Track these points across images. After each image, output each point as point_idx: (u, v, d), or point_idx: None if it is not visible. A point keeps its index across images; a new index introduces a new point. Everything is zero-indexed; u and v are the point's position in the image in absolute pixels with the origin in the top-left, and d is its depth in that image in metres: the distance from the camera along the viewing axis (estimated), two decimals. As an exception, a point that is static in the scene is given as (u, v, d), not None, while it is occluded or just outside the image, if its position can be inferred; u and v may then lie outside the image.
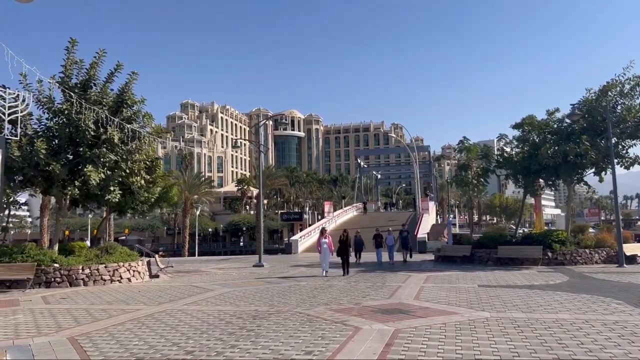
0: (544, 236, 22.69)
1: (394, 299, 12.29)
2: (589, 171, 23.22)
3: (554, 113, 24.47)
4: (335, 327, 8.90)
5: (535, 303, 11.21)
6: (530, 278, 16.79)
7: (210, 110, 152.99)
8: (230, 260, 31.64)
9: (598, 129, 22.38)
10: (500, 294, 12.93)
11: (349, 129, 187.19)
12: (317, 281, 16.65)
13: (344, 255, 18.52)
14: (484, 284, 15.36)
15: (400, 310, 10.55)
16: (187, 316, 10.40)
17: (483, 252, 23.70)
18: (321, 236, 19.28)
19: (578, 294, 12.61)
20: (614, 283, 14.96)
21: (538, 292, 13.18)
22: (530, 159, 23.36)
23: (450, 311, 10.38)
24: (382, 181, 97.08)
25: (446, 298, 12.34)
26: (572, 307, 10.59)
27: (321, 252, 18.83)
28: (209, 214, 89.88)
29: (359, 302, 11.79)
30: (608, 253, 21.90)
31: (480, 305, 11.09)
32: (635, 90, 22.23)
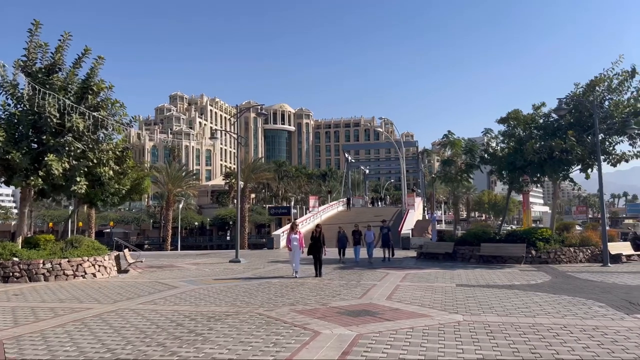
0: (528, 234, 22.13)
1: (364, 299, 11.59)
2: (575, 168, 22.65)
3: (540, 108, 23.87)
4: (293, 331, 8.18)
5: (513, 305, 10.57)
6: (511, 277, 16.18)
7: (199, 103, 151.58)
8: (210, 255, 30.84)
9: (585, 125, 21.83)
10: (478, 294, 12.28)
11: (340, 124, 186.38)
12: (289, 279, 15.91)
13: (315, 254, 16.61)
14: (463, 283, 14.73)
15: (368, 312, 9.86)
16: (137, 317, 9.62)
17: (466, 249, 23.10)
18: (291, 232, 16.91)
19: (559, 295, 12.01)
20: (597, 283, 14.38)
21: (517, 292, 12.56)
22: (515, 154, 22.76)
23: (421, 313, 9.70)
24: (372, 176, 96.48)
25: (420, 298, 11.67)
26: (551, 310, 9.95)
27: (290, 250, 16.62)
28: (195, 207, 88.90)
29: (327, 303, 11.07)
30: (593, 252, 21.39)
31: (455, 307, 10.42)
32: (623, 86, 21.70)
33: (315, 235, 16.96)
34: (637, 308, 10.11)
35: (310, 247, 16.93)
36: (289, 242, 16.75)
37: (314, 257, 16.72)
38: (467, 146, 24.75)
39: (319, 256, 16.63)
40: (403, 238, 34.76)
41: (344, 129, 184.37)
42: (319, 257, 16.62)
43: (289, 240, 16.89)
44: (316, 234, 16.98)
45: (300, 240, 16.73)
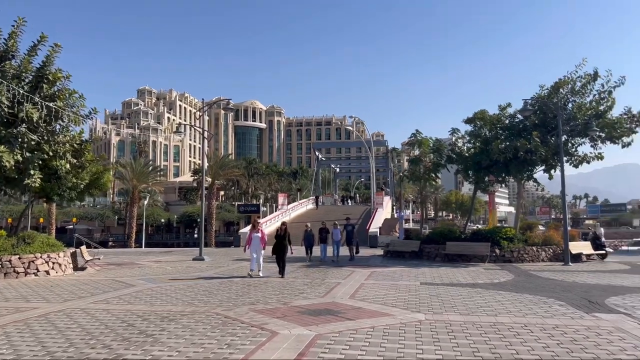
0: (492, 233, 22.36)
1: (327, 298, 11.35)
2: (539, 168, 23.00)
3: (505, 108, 24.15)
4: (250, 331, 7.86)
5: (475, 304, 10.50)
6: (475, 276, 16.24)
7: (168, 98, 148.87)
8: (174, 252, 30.14)
9: (549, 126, 22.17)
10: (442, 292, 12.20)
11: (311, 122, 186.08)
12: (252, 278, 15.50)
13: (279, 253, 15.66)
14: (427, 281, 14.66)
15: (330, 311, 9.61)
16: (86, 317, 9.12)
17: (432, 247, 23.20)
18: (253, 230, 16.07)
19: (521, 293, 12.03)
20: (558, 282, 14.54)
21: (480, 291, 12.54)
22: (481, 154, 22.94)
23: (384, 312, 9.51)
24: (342, 175, 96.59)
25: (384, 297, 11.50)
26: (513, 308, 9.92)
27: (251, 249, 15.73)
28: (162, 204, 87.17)
29: (289, 302, 10.78)
30: (555, 251, 21.76)
31: (417, 305, 10.29)
32: (586, 89, 22.13)
33: (280, 234, 15.99)
34: (596, 307, 10.18)
35: (275, 246, 15.88)
36: (250, 241, 15.80)
37: (277, 257, 15.76)
38: (434, 145, 24.83)
39: (283, 256, 15.71)
40: (371, 236, 34.79)
41: (316, 127, 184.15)
42: (282, 257, 15.70)
43: (249, 238, 15.87)
44: (281, 232, 16.02)
45: (262, 239, 15.87)
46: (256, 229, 16.14)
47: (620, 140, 21.55)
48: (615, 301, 10.86)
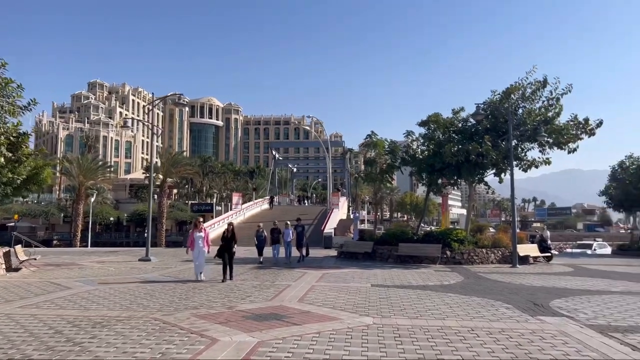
0: (444, 235, 22.58)
1: (275, 302, 10.99)
2: (490, 172, 23.43)
3: (459, 112, 24.48)
4: (188, 339, 7.41)
5: (424, 307, 10.41)
6: (426, 278, 16.27)
7: (120, 92, 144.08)
8: (120, 252, 28.95)
9: (500, 131, 22.60)
10: (391, 295, 12.08)
11: (270, 121, 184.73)
12: (200, 278, 14.93)
13: (225, 256, 14.72)
14: (378, 283, 14.55)
15: (276, 316, 9.27)
16: (10, 324, 8.41)
17: (384, 249, 23.23)
18: (195, 230, 14.93)
19: (469, 296, 12.06)
20: (506, 284, 14.73)
21: (430, 293, 12.50)
22: (434, 156, 23.16)
23: (331, 316, 9.25)
24: (300, 175, 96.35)
25: (333, 300, 11.25)
26: (461, 312, 9.87)
27: (193, 250, 14.75)
28: (112, 201, 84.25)
29: (234, 306, 10.36)
30: (503, 253, 22.18)
31: (366, 309, 10.09)
32: (535, 95, 22.68)
33: (227, 235, 15.11)
34: (541, 310, 10.28)
35: (220, 248, 15.01)
36: (192, 242, 14.80)
37: (223, 260, 14.82)
38: (389, 147, 24.89)
39: (230, 259, 14.83)
40: (325, 237, 34.61)
41: (274, 127, 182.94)
42: (229, 260, 14.79)
43: (192, 239, 14.85)
44: (227, 234, 15.14)
45: (205, 240, 14.89)
46: (198, 229, 14.99)
47: (567, 146, 22.22)
48: (559, 304, 11.03)
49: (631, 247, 31.42)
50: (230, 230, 15.31)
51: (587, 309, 10.31)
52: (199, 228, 15.00)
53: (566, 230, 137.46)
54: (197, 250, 14.73)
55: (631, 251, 30.58)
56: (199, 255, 14.75)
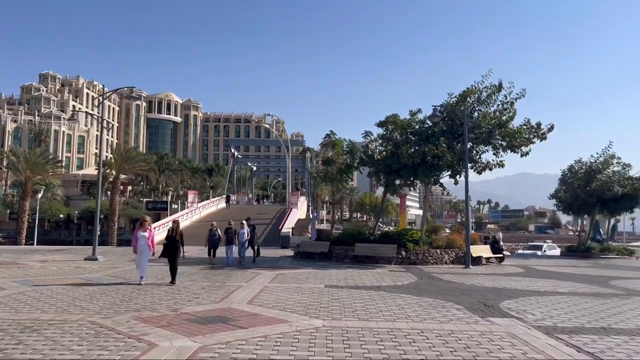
0: (400, 235, 22.68)
1: (224, 304, 10.60)
2: (445, 173, 23.65)
3: (416, 114, 24.58)
4: (124, 344, 6.96)
5: (376, 308, 10.26)
6: (380, 278, 16.21)
7: (74, 85, 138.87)
8: (66, 251, 27.67)
9: (456, 133, 22.85)
10: (344, 296, 11.89)
11: (230, 119, 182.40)
12: (146, 280, 14.28)
13: (170, 256, 13.78)
14: (332, 284, 14.36)
15: (223, 319, 8.89)
16: None
17: (341, 249, 23.14)
18: (139, 229, 13.91)
19: (421, 297, 12.02)
20: (458, 285, 14.82)
21: (383, 294, 12.39)
22: (392, 157, 23.18)
23: (280, 319, 8.96)
24: (260, 173, 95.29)
25: (284, 301, 10.96)
26: (412, 313, 9.77)
27: (137, 251, 13.76)
28: (62, 198, 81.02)
29: (179, 308, 9.91)
30: (457, 254, 22.46)
31: (317, 311, 9.85)
32: (490, 99, 23.04)
33: (171, 235, 14.06)
34: (491, 311, 10.31)
35: (165, 248, 14.01)
36: (136, 242, 13.74)
37: (168, 261, 13.88)
38: (347, 147, 24.78)
39: (174, 260, 13.80)
40: (283, 237, 34.27)
41: (234, 124, 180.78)
42: (173, 261, 13.79)
43: (135, 239, 13.79)
44: (172, 233, 14.08)
45: (150, 240, 13.81)
46: (143, 227, 13.91)
47: (520, 149, 22.68)
48: (509, 305, 11.12)
49: (578, 248, 32.54)
50: (175, 228, 14.26)
51: (535, 310, 10.42)
52: (143, 227, 13.94)
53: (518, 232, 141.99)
54: (141, 250, 13.73)
55: (578, 252, 31.66)
56: (141, 257, 13.74)
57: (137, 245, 13.77)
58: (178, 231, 14.21)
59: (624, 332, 8.35)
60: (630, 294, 13.60)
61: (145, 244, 13.73)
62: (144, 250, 13.72)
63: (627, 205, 30.71)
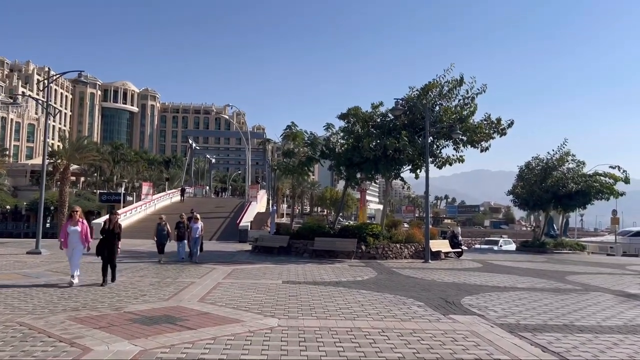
0: (360, 229, 22.37)
1: (172, 302, 9.90)
2: (406, 167, 23.49)
3: (378, 107, 24.28)
4: (53, 348, 6.22)
5: (335, 305, 9.80)
6: (340, 273, 15.81)
7: (24, 71, 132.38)
8: (8, 244, 26.00)
9: (417, 127, 22.69)
10: (302, 292, 11.39)
11: (189, 110, 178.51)
12: (87, 278, 13.31)
13: (105, 253, 12.09)
14: (291, 279, 13.83)
15: (170, 318, 8.22)
16: None
17: (300, 243, 22.63)
18: (69, 222, 12.04)
19: (382, 293, 11.65)
20: (418, 280, 14.58)
21: (342, 290, 11.96)
22: (353, 151, 22.79)
23: (233, 318, 8.36)
24: (220, 166, 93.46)
25: (238, 299, 10.35)
26: (372, 311, 9.36)
27: (66, 247, 11.91)
28: (9, 188, 77.12)
29: (123, 307, 9.15)
30: (417, 248, 22.35)
31: (273, 309, 9.30)
32: (452, 93, 22.98)
33: (108, 227, 12.30)
34: (452, 308, 10.03)
35: (100, 243, 12.22)
36: (65, 237, 11.87)
37: (102, 258, 12.11)
38: (308, 139, 24.23)
39: (111, 257, 12.13)
40: (241, 230, 33.48)
41: (194, 116, 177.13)
42: (110, 258, 12.11)
43: (64, 233, 11.92)
44: (109, 225, 12.32)
45: (83, 234, 11.89)
46: (74, 220, 11.94)
47: (480, 144, 22.75)
48: (470, 301, 10.89)
49: (533, 243, 33.20)
50: (113, 221, 12.44)
51: (497, 307, 10.20)
52: (74, 220, 11.93)
53: (474, 227, 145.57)
54: (72, 246, 11.82)
55: (533, 247, 32.30)
56: (73, 254, 11.86)
57: (66, 241, 11.84)
58: (116, 223, 12.45)
59: (586, 330, 8.19)
60: (588, 289, 13.69)
61: (78, 239, 11.85)
62: (76, 245, 11.86)
63: (580, 202, 31.50)
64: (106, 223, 12.61)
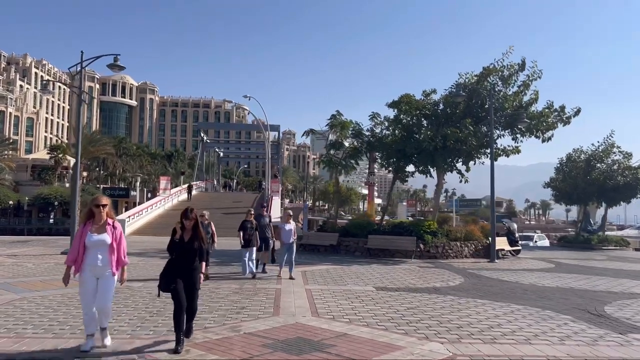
0: (416, 226, 20.81)
1: (284, 316, 8.29)
2: (461, 159, 21.91)
3: (430, 95, 22.69)
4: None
5: (476, 321, 8.25)
6: (420, 275, 14.29)
7: (22, 63, 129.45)
8: (32, 242, 24.20)
9: (476, 115, 21.13)
10: (416, 303, 9.83)
11: (188, 103, 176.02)
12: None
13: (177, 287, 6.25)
14: (379, 285, 12.26)
15: (311, 344, 6.62)
16: None
17: (350, 241, 21.08)
18: (89, 224, 6.02)
19: (506, 302, 10.10)
20: (516, 285, 13.05)
21: (454, 299, 10.41)
22: (406, 141, 21.23)
23: (383, 342, 6.77)
24: (228, 160, 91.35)
25: (354, 312, 8.78)
26: (531, 329, 7.79)
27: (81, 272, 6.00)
28: (11, 183, 74.98)
29: (237, 326, 7.53)
30: (476, 246, 20.87)
31: (410, 326, 7.74)
32: (511, 79, 21.41)
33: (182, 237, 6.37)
34: (610, 322, 8.50)
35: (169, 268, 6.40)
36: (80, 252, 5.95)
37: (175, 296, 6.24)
38: (353, 130, 22.63)
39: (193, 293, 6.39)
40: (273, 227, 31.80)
41: (193, 109, 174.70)
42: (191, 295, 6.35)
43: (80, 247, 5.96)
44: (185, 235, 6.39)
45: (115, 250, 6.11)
46: (98, 222, 6.10)
47: (543, 134, 21.19)
48: (616, 312, 9.36)
49: (576, 239, 31.73)
50: (193, 224, 6.46)
51: (663, 321, 8.67)
52: (99, 221, 6.09)
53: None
54: (89, 275, 5.98)
55: (576, 243, 30.86)
56: (97, 292, 6.02)
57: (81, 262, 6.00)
58: (197, 228, 6.46)
59: None
60: None
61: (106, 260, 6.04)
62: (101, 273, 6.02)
63: (626, 195, 30.09)
64: (178, 230, 6.40)
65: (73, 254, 6.02)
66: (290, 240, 13.06)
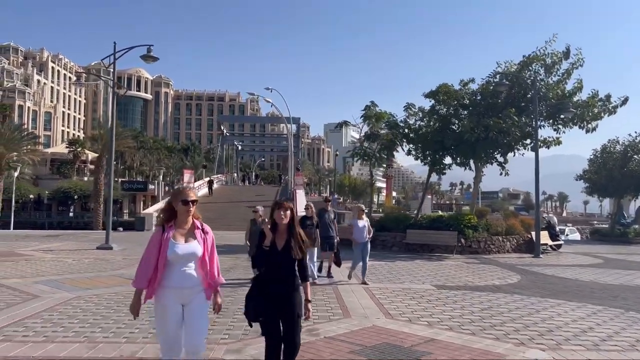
0: (455, 220, 20.18)
1: (357, 319, 7.79)
2: (502, 151, 21.20)
3: (468, 84, 21.99)
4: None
5: (563, 324, 7.70)
6: (472, 272, 13.74)
7: (38, 58, 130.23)
8: (62, 237, 23.97)
9: (518, 105, 20.41)
10: (484, 302, 9.31)
11: (203, 97, 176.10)
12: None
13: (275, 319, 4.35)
14: (436, 283, 11.73)
15: (401, 350, 6.12)
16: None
17: (387, 235, 20.49)
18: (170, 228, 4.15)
19: (581, 302, 9.51)
20: (574, 282, 12.44)
21: (524, 298, 9.87)
22: (444, 132, 20.59)
23: (481, 349, 6.26)
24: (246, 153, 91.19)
25: (427, 313, 8.28)
26: (635, 334, 7.21)
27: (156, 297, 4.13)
28: (31, 177, 75.51)
29: (314, 329, 7.04)
30: (518, 241, 20.23)
31: (499, 329, 7.22)
32: (554, 67, 20.63)
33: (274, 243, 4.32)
34: None
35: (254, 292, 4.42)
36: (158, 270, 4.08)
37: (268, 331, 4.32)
38: (390, 121, 22.02)
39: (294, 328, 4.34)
40: (297, 221, 31.36)
41: (207, 102, 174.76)
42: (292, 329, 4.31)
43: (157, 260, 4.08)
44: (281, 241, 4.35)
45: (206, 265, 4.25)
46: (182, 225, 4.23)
47: (587, 125, 20.39)
48: None
49: (612, 232, 30.80)
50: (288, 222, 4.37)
51: None
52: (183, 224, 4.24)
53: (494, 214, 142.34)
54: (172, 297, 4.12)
55: (612, 237, 29.95)
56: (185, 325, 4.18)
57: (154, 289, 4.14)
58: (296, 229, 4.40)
59: None
60: None
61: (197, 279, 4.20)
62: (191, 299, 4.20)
63: (668, 187, 29.07)
64: (268, 233, 4.37)
65: (145, 272, 4.12)
66: (364, 239, 11.50)
